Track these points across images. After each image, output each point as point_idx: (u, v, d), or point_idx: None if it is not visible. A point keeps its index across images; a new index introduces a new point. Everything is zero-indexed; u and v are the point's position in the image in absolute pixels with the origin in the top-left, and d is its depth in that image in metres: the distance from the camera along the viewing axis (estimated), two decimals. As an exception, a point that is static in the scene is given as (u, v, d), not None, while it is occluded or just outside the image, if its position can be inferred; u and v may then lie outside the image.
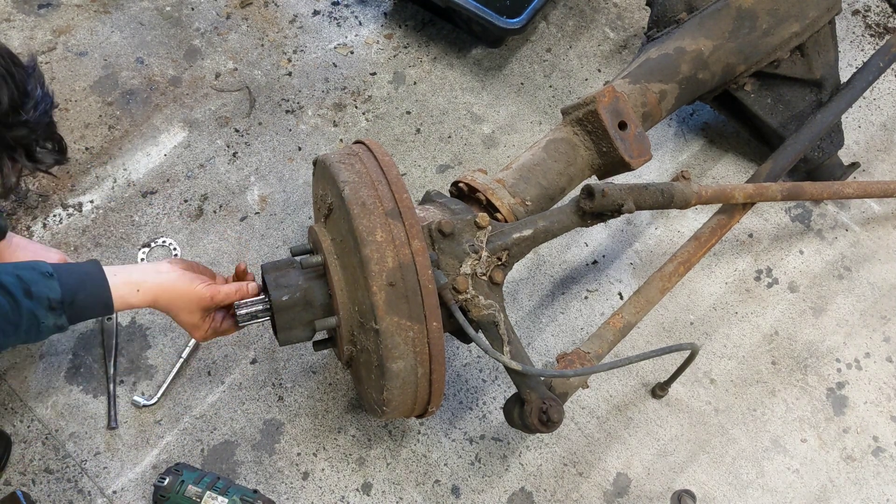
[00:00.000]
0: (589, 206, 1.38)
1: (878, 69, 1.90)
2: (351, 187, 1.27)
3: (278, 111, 2.03)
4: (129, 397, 1.62)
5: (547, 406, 1.27)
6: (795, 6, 1.80)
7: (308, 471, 1.59)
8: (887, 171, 2.14)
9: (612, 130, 1.54)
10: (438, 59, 2.18)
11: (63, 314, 1.18)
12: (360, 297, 1.25)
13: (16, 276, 1.15)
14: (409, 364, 1.25)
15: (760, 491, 1.67)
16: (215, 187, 1.89)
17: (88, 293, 1.22)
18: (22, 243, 1.52)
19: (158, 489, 1.45)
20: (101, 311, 1.24)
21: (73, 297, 1.19)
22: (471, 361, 1.75)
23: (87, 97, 1.97)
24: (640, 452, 1.69)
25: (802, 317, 1.89)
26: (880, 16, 2.42)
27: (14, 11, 2.07)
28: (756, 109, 1.93)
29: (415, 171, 1.99)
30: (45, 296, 1.16)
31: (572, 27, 2.29)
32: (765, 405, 1.77)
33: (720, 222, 1.72)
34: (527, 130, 2.09)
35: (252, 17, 2.18)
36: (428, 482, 1.61)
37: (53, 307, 1.17)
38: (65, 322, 1.19)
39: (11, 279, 1.14)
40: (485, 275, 1.33)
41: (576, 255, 1.92)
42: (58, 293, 1.17)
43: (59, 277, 1.18)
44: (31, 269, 1.17)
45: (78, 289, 1.20)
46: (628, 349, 1.80)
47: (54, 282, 1.17)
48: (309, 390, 1.67)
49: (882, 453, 1.74)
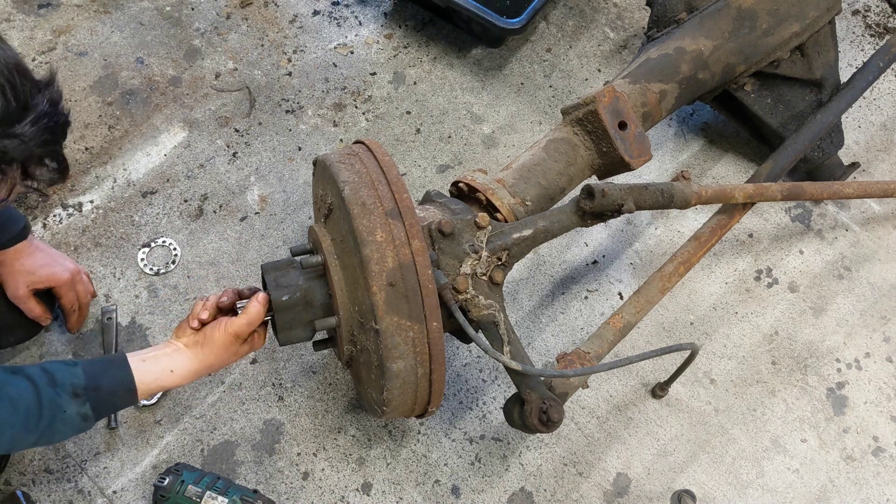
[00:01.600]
0: (589, 206, 1.38)
1: (878, 69, 1.90)
2: (351, 187, 1.27)
3: (278, 111, 2.03)
4: (129, 397, 1.62)
5: (547, 406, 1.27)
6: (795, 6, 1.80)
7: (308, 471, 1.59)
8: (887, 171, 2.14)
9: (612, 130, 1.54)
10: (438, 59, 2.18)
11: (87, 402, 1.16)
12: (360, 297, 1.25)
13: (41, 367, 1.15)
14: (409, 364, 1.25)
15: (760, 491, 1.67)
16: (215, 187, 1.89)
17: (112, 379, 1.20)
18: (41, 247, 1.53)
19: (158, 489, 1.45)
20: (127, 397, 1.22)
21: (96, 383, 1.18)
22: (471, 361, 1.75)
23: (87, 97, 1.97)
24: (640, 452, 1.69)
25: (802, 317, 1.89)
26: (880, 16, 2.42)
27: (14, 11, 2.07)
28: (756, 109, 1.93)
29: (415, 171, 1.99)
30: (68, 382, 1.15)
31: (572, 27, 2.29)
32: (765, 405, 1.77)
33: (720, 222, 1.72)
34: (527, 130, 2.09)
35: (252, 17, 2.18)
36: (428, 482, 1.61)
37: (77, 394, 1.15)
38: (89, 411, 1.17)
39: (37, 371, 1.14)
40: (485, 275, 1.33)
41: (576, 255, 1.92)
42: (81, 379, 1.16)
43: (84, 365, 1.18)
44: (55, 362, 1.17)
45: (101, 375, 1.19)
46: (628, 349, 1.80)
47: (78, 369, 1.17)
48: (309, 390, 1.67)
49: (882, 453, 1.74)
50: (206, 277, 1.77)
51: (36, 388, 1.12)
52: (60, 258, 1.55)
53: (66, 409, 1.15)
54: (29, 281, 1.49)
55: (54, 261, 1.53)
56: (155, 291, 1.74)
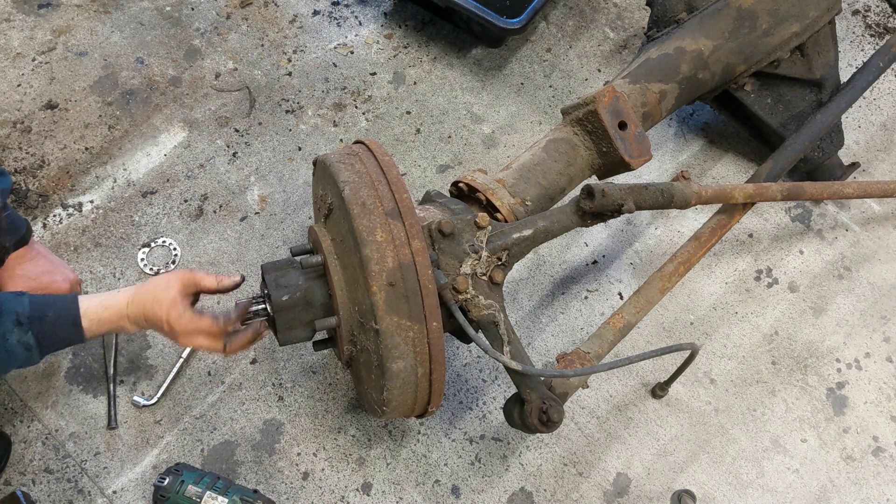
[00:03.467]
0: (589, 206, 1.38)
1: (878, 69, 1.90)
2: (351, 187, 1.27)
3: (278, 111, 2.03)
4: (129, 397, 1.62)
5: (547, 406, 1.27)
6: (795, 6, 1.80)
7: (308, 471, 1.59)
8: (887, 171, 2.14)
9: (612, 130, 1.54)
10: (438, 59, 2.18)
11: (29, 331, 1.15)
12: (360, 297, 1.25)
13: None
14: (409, 364, 1.25)
15: (760, 491, 1.67)
16: (215, 187, 1.89)
17: (57, 309, 1.19)
18: (43, 252, 1.53)
19: (158, 489, 1.45)
20: (71, 331, 1.20)
21: (41, 312, 1.17)
22: (471, 361, 1.75)
23: (87, 97, 1.97)
24: (640, 452, 1.69)
25: (802, 317, 1.89)
26: (880, 16, 2.42)
27: (14, 11, 2.07)
28: (756, 109, 1.93)
29: (415, 171, 1.99)
30: (12, 310, 1.14)
31: (572, 27, 2.29)
32: (765, 405, 1.77)
33: (720, 222, 1.72)
34: (527, 130, 2.09)
35: (252, 17, 2.18)
36: (428, 482, 1.61)
37: (21, 322, 1.15)
38: (31, 340, 1.16)
39: None
40: (485, 275, 1.33)
41: (576, 255, 1.92)
42: (26, 308, 1.16)
43: (31, 297, 1.18)
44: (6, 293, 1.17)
45: (47, 307, 1.18)
46: (628, 349, 1.80)
47: (24, 298, 1.17)
48: (309, 390, 1.67)
49: (882, 453, 1.74)
50: (206, 277, 1.77)
51: None
52: (61, 266, 1.54)
53: (7, 338, 1.13)
54: (29, 287, 1.48)
55: (55, 268, 1.52)
56: (155, 291, 1.74)
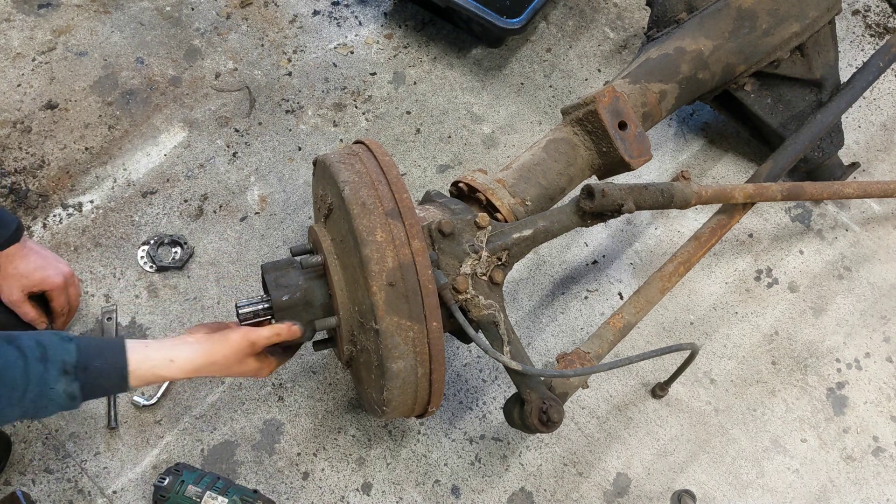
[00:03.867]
0: (589, 206, 1.38)
1: (878, 69, 1.90)
2: (351, 187, 1.27)
3: (278, 111, 2.03)
4: (129, 397, 1.61)
5: (547, 406, 1.27)
6: (795, 6, 1.80)
7: (308, 471, 1.59)
8: (887, 171, 2.14)
9: (612, 130, 1.54)
10: (438, 59, 2.18)
11: (76, 381, 1.11)
12: (360, 297, 1.25)
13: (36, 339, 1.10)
14: (409, 364, 1.25)
15: (760, 491, 1.67)
16: (215, 187, 1.89)
17: (105, 360, 1.16)
18: (34, 248, 1.50)
19: (158, 489, 1.45)
20: (117, 383, 1.17)
21: (88, 362, 1.13)
22: (471, 361, 1.75)
23: (87, 97, 1.97)
24: (640, 452, 1.69)
25: (802, 317, 1.89)
26: (880, 16, 2.42)
27: (14, 11, 2.07)
28: (756, 109, 1.93)
29: (415, 171, 1.99)
30: (59, 358, 1.10)
31: (572, 27, 2.29)
32: (765, 405, 1.77)
33: (720, 222, 1.72)
34: (527, 130, 2.09)
35: (252, 17, 2.18)
36: (428, 482, 1.61)
37: (67, 371, 1.11)
38: (77, 391, 1.12)
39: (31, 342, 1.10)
40: (485, 275, 1.33)
41: (576, 255, 1.92)
42: (73, 356, 1.12)
43: (79, 342, 1.14)
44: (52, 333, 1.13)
45: (95, 355, 1.15)
46: (628, 349, 1.80)
47: (72, 345, 1.13)
48: (309, 390, 1.67)
49: (882, 453, 1.74)
50: (206, 277, 1.77)
51: (25, 361, 1.08)
52: (53, 260, 1.51)
53: (53, 386, 1.10)
54: (23, 285, 1.46)
55: (48, 263, 1.49)
56: (155, 291, 1.74)
